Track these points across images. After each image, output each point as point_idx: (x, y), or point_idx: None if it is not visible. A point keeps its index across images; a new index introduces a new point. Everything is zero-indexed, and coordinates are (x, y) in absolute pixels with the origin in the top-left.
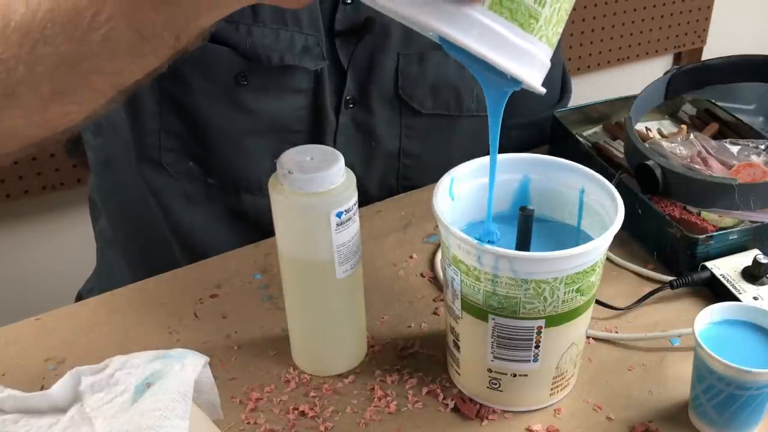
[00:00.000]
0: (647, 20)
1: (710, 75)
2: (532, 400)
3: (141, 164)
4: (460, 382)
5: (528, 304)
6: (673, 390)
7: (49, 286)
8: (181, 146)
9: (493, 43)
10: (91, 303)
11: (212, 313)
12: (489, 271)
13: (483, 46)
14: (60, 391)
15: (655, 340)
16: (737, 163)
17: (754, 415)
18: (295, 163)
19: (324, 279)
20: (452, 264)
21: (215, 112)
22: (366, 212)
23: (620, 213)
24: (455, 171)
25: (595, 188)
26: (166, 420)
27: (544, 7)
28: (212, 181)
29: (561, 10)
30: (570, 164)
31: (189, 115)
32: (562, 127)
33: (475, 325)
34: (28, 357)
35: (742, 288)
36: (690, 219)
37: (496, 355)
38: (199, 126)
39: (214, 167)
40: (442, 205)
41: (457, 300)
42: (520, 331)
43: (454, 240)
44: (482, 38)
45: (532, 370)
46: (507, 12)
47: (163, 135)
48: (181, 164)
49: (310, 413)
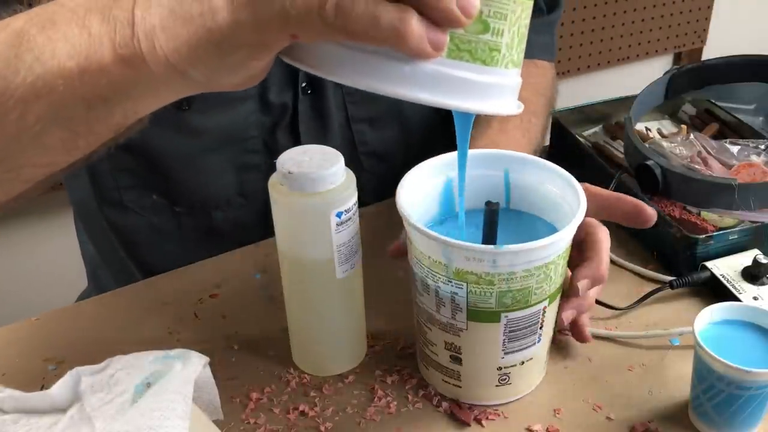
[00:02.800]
0: (647, 20)
1: (710, 75)
2: (534, 379)
3: (103, 207)
4: (461, 393)
5: (538, 290)
6: (673, 390)
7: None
8: (138, 181)
9: (462, 92)
10: (91, 303)
11: (212, 313)
12: (504, 271)
13: (453, 98)
14: (60, 391)
15: (655, 339)
16: (737, 163)
17: (754, 415)
18: (295, 163)
19: (324, 279)
20: (454, 279)
21: (164, 140)
22: (366, 212)
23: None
24: (411, 175)
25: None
26: (166, 420)
27: (502, 36)
28: (179, 208)
29: (520, 29)
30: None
31: (138, 149)
32: (562, 127)
33: (485, 330)
34: (28, 357)
35: (742, 288)
36: (690, 219)
37: (507, 350)
38: (151, 157)
39: (178, 194)
40: (420, 232)
41: (460, 313)
42: (530, 318)
43: (460, 253)
44: (450, 91)
45: (536, 352)
46: (467, 54)
47: (118, 174)
48: (143, 199)
49: (310, 413)
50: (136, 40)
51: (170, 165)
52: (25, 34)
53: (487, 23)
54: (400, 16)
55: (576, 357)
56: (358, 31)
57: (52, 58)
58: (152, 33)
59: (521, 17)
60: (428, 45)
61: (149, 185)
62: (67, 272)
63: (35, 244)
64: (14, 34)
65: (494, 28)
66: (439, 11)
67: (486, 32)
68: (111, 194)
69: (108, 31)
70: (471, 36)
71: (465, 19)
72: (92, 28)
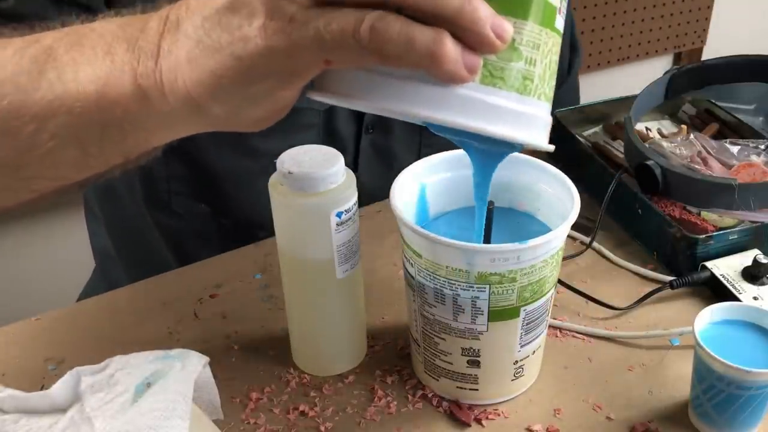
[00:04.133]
0: (647, 20)
1: (710, 75)
2: (540, 365)
3: (149, 207)
4: (478, 395)
5: (550, 278)
6: (673, 390)
7: (49, 286)
8: (190, 191)
9: (495, 118)
10: (91, 303)
11: (212, 313)
12: (527, 265)
13: (487, 124)
14: (60, 391)
15: (655, 339)
16: (737, 163)
17: (754, 415)
18: (295, 163)
19: (324, 279)
20: (476, 283)
21: (222, 157)
22: (366, 212)
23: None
24: (423, 177)
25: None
26: (166, 420)
27: (535, 65)
28: (225, 221)
29: (551, 63)
30: None
31: (196, 162)
32: (562, 127)
33: (505, 328)
34: (28, 357)
35: (742, 288)
36: (690, 219)
37: (524, 342)
38: (207, 171)
39: (226, 208)
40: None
41: (481, 316)
42: (543, 306)
43: (486, 257)
44: (484, 116)
45: (543, 337)
46: (500, 81)
47: (172, 181)
48: (191, 207)
49: (310, 413)
50: (159, 72)
51: (224, 181)
52: (53, 52)
53: (519, 51)
54: (435, 38)
55: (576, 357)
56: (392, 53)
57: (73, 80)
58: (176, 65)
59: (552, 50)
60: (463, 68)
61: (200, 195)
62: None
63: (35, 244)
64: (42, 51)
65: (527, 57)
66: (474, 34)
67: (519, 60)
68: (161, 197)
69: (131, 60)
70: (504, 63)
71: (499, 43)
72: (116, 55)
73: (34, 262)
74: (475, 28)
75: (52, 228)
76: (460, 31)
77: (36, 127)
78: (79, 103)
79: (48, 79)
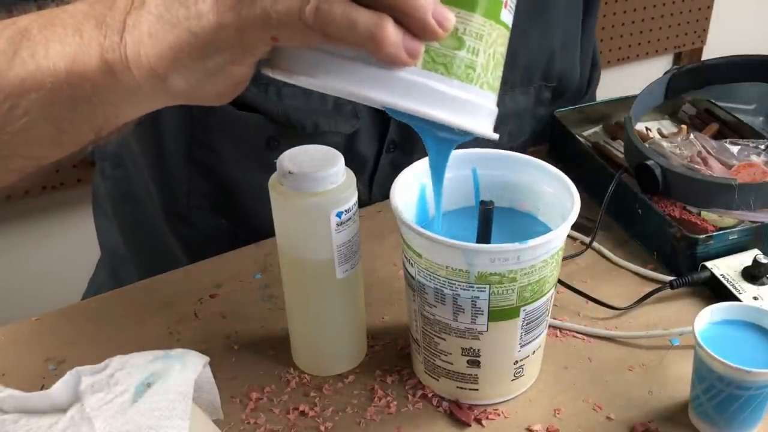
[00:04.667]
0: (647, 20)
1: (710, 75)
2: (540, 365)
3: (167, 218)
4: (478, 396)
5: (550, 278)
6: (673, 390)
7: (49, 286)
8: (210, 205)
9: (436, 102)
10: (91, 303)
11: (212, 313)
12: (527, 265)
13: (427, 107)
14: (60, 391)
15: (655, 339)
16: (737, 163)
17: (754, 415)
18: (295, 163)
19: (324, 279)
20: (476, 283)
21: (246, 174)
22: (366, 212)
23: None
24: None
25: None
26: (166, 420)
27: (478, 55)
28: (242, 233)
29: (496, 54)
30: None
31: (219, 178)
32: (562, 127)
33: (505, 328)
34: (28, 357)
35: (742, 288)
36: (690, 219)
37: (524, 342)
38: (229, 187)
39: (245, 224)
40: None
41: (481, 316)
42: (543, 306)
43: (486, 256)
44: (424, 99)
45: (543, 337)
46: (442, 67)
47: (193, 195)
48: (210, 220)
49: (310, 413)
50: (123, 46)
51: (245, 198)
52: (27, 32)
53: (462, 40)
54: (376, 22)
55: (576, 357)
56: (335, 34)
57: (44, 57)
58: (139, 40)
59: (497, 42)
60: (403, 52)
61: (220, 210)
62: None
63: (36, 243)
64: (18, 32)
65: (470, 46)
66: (415, 21)
67: (461, 49)
68: (180, 210)
69: (98, 36)
70: (446, 50)
71: (440, 31)
72: (85, 32)
73: (34, 262)
74: (416, 15)
75: (52, 228)
76: (402, 17)
77: (10, 105)
78: (50, 79)
79: (21, 58)
